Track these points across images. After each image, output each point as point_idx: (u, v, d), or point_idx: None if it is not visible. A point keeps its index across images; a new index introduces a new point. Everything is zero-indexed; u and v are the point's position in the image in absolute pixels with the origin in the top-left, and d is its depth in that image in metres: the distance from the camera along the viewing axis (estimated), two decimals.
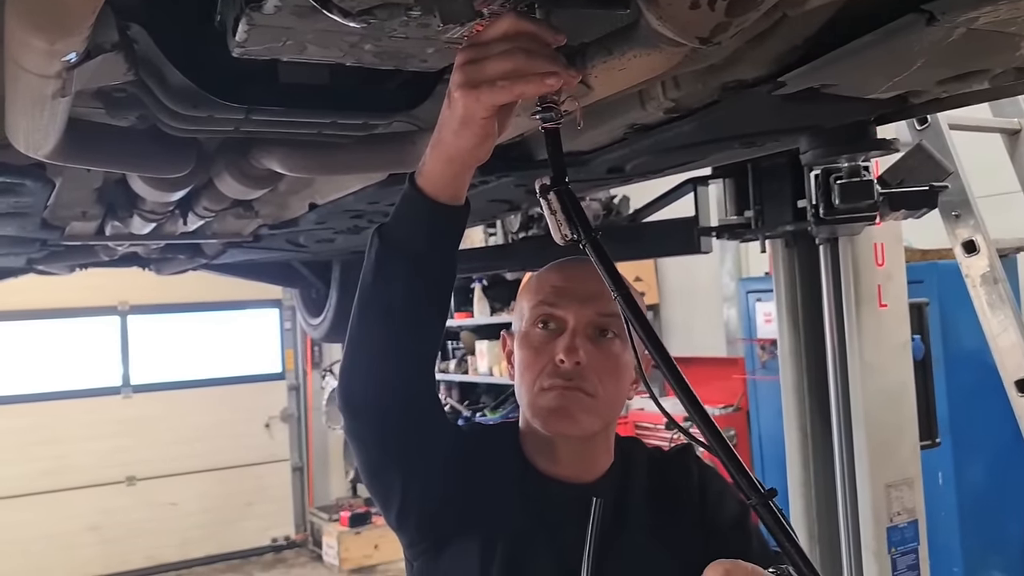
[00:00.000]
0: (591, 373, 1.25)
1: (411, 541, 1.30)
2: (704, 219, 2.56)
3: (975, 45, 1.03)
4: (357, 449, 1.24)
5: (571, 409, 1.24)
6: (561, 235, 0.96)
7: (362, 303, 1.14)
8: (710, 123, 1.44)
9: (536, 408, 1.27)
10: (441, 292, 1.15)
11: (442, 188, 1.05)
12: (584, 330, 1.26)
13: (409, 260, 1.09)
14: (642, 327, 0.91)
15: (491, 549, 1.23)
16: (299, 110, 1.36)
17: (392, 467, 1.23)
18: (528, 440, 1.33)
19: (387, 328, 1.13)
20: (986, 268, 2.50)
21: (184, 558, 7.55)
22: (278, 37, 1.04)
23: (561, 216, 0.95)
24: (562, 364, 1.24)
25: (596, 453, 1.33)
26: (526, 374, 1.28)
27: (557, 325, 1.28)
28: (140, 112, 1.42)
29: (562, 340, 1.26)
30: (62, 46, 0.93)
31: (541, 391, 1.26)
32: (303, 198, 2.35)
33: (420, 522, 1.27)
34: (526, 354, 1.29)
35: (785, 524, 0.85)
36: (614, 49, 1.00)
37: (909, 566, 2.29)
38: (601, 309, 1.27)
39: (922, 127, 2.47)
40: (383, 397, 1.17)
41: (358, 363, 1.17)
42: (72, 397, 7.31)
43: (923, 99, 1.40)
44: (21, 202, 2.02)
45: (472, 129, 0.96)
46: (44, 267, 3.37)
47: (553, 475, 1.30)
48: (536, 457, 1.31)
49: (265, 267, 4.10)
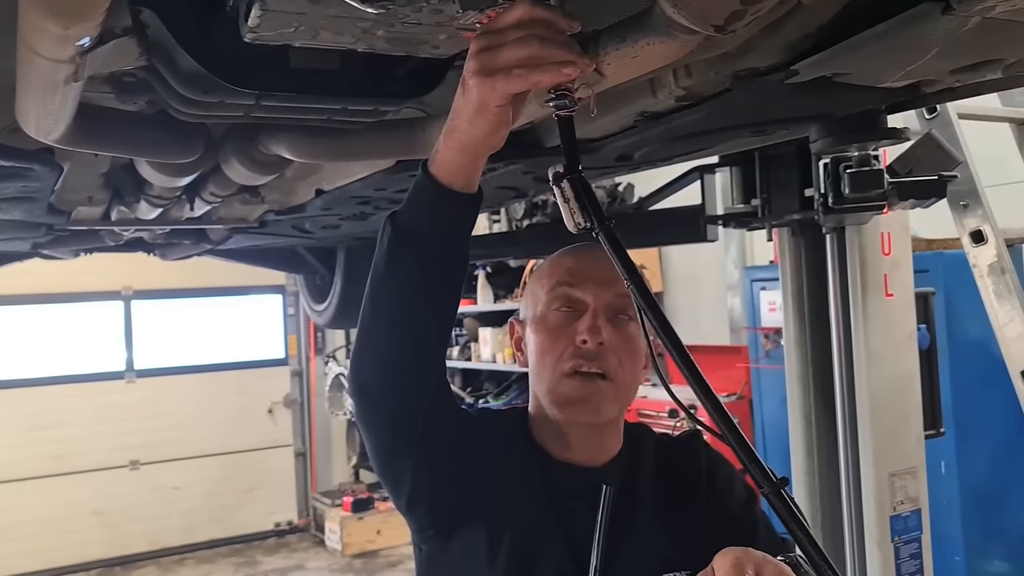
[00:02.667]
0: (612, 355, 1.25)
1: (420, 526, 1.31)
2: (711, 207, 2.55)
3: (990, 34, 1.02)
4: (368, 435, 1.24)
5: (592, 399, 1.24)
6: (574, 223, 0.96)
7: (374, 289, 1.13)
8: (721, 111, 1.44)
9: (556, 395, 1.26)
10: (453, 279, 1.15)
11: (455, 176, 1.05)
12: (604, 311, 1.26)
13: (422, 247, 1.09)
14: (655, 315, 0.91)
15: (500, 534, 1.23)
16: (309, 96, 1.36)
17: (404, 453, 1.23)
18: (538, 425, 1.33)
19: (399, 314, 1.12)
20: (993, 258, 2.50)
21: (187, 542, 7.59)
22: (290, 22, 1.04)
23: (575, 204, 0.95)
24: (584, 345, 1.24)
25: (607, 438, 1.33)
26: (546, 357, 1.27)
27: (576, 307, 1.27)
28: (150, 97, 1.43)
29: (584, 321, 1.25)
30: (76, 31, 0.93)
31: (563, 377, 1.25)
32: (310, 184, 2.35)
33: (431, 507, 1.27)
34: (544, 337, 1.28)
35: (797, 512, 0.85)
36: (627, 36, 1.00)
37: (912, 554, 2.30)
38: (620, 290, 1.26)
39: (931, 116, 2.46)
40: (395, 382, 1.17)
41: (369, 349, 1.17)
42: (76, 382, 7.33)
43: (936, 88, 1.39)
44: (29, 187, 2.03)
45: (486, 117, 0.96)
46: (49, 252, 3.37)
47: (564, 459, 1.30)
48: (547, 442, 1.32)
49: (270, 253, 4.10)
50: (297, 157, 1.72)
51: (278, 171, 1.94)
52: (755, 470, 0.84)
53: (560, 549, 1.23)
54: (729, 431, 0.85)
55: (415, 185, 1.09)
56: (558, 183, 0.96)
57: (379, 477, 1.30)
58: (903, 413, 2.27)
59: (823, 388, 2.36)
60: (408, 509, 1.28)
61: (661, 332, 0.90)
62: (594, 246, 1.37)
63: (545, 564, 1.22)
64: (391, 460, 1.25)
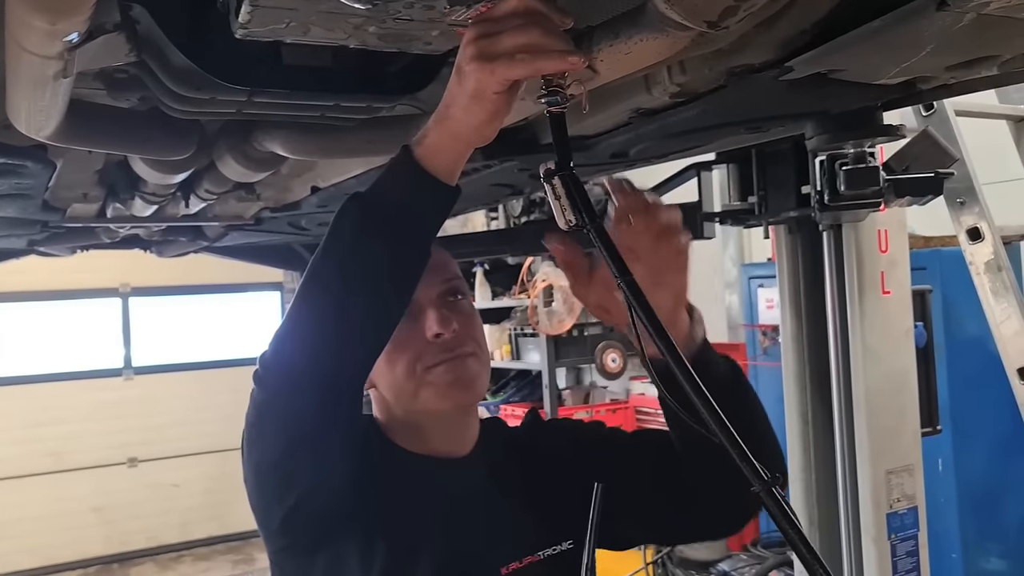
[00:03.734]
0: (466, 335, 1.25)
1: (289, 542, 1.19)
2: (708, 204, 2.54)
3: (985, 31, 1.02)
4: (272, 427, 1.10)
5: (467, 377, 1.24)
6: (565, 220, 0.95)
7: (329, 270, 1.03)
8: (716, 108, 1.43)
9: (426, 388, 1.22)
10: (416, 268, 1.07)
11: (442, 165, 1.00)
12: (440, 301, 1.25)
13: (393, 235, 1.01)
14: (648, 317, 0.90)
15: (372, 540, 1.18)
16: (302, 93, 1.35)
17: (305, 453, 1.09)
18: (392, 428, 1.29)
19: (350, 298, 1.03)
20: (990, 255, 2.49)
21: (185, 539, 7.60)
22: (281, 18, 1.03)
23: (565, 201, 0.94)
24: (438, 338, 1.22)
25: (468, 426, 1.32)
26: (396, 366, 1.22)
27: (411, 311, 1.20)
28: (142, 94, 1.42)
29: (429, 317, 1.23)
30: (64, 26, 0.92)
31: (426, 370, 1.23)
32: (305, 181, 2.35)
33: (308, 520, 1.15)
34: (391, 348, 1.15)
35: (788, 510, 0.84)
36: (621, 33, 0.99)
37: (908, 552, 2.30)
38: (444, 275, 1.27)
39: (928, 113, 2.45)
40: (327, 368, 1.04)
41: (310, 330, 1.05)
42: (74, 379, 7.33)
43: (931, 85, 1.38)
44: (22, 184, 2.02)
45: (483, 104, 0.93)
46: (45, 249, 3.36)
47: (426, 454, 1.28)
48: (405, 441, 1.29)
49: (266, 250, 4.09)
50: (291, 154, 1.72)
51: (273, 168, 1.94)
52: (746, 467, 0.84)
53: (435, 544, 1.20)
54: (720, 427, 0.85)
55: (393, 168, 1.02)
56: (549, 180, 0.95)
57: (258, 485, 1.16)
58: (900, 410, 2.26)
59: (820, 385, 2.36)
60: (285, 521, 1.15)
61: (653, 333, 0.89)
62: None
63: (422, 561, 1.19)
64: (284, 461, 1.11)
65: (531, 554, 1.25)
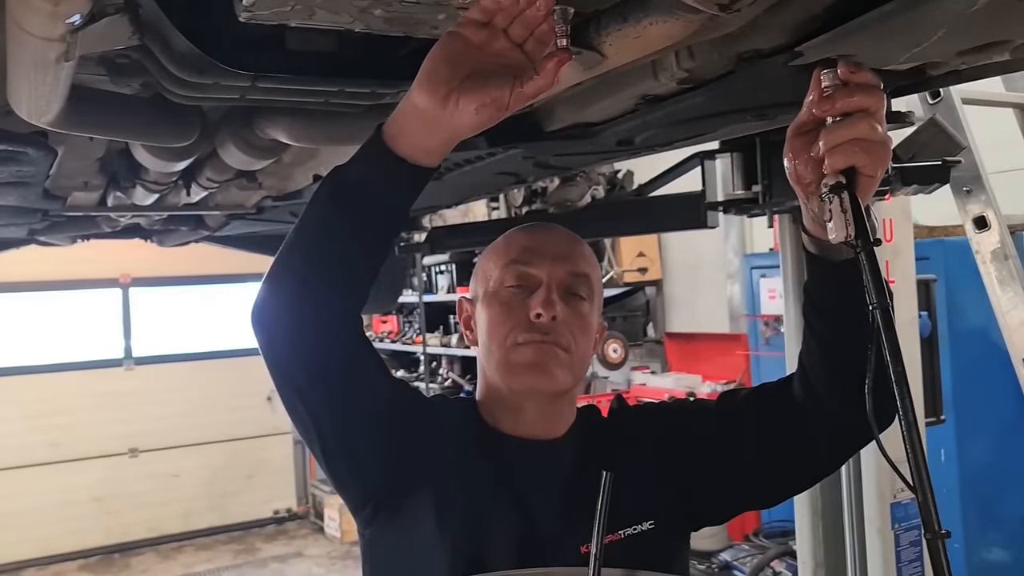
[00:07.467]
0: (565, 328, 1.25)
1: (355, 505, 1.28)
2: (711, 194, 2.53)
3: (1000, 14, 1.00)
4: (271, 370, 1.20)
5: (548, 364, 1.24)
6: (847, 234, 0.98)
7: (305, 235, 1.11)
8: (723, 94, 1.41)
9: (509, 364, 1.26)
10: (379, 239, 1.13)
11: (408, 143, 1.05)
12: (557, 287, 1.26)
13: (358, 207, 1.08)
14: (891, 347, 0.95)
15: (450, 507, 1.22)
16: (306, 78, 1.34)
17: (309, 391, 1.17)
18: (489, 405, 1.32)
19: (338, 260, 1.10)
20: (997, 244, 2.48)
21: (186, 529, 7.61)
22: (286, 1, 1.02)
23: (850, 217, 0.98)
24: (538, 319, 1.24)
25: (562, 411, 1.32)
26: (496, 331, 1.27)
27: (529, 283, 1.27)
28: (144, 79, 1.40)
29: (538, 295, 1.25)
30: (66, 7, 0.91)
31: (515, 346, 1.25)
32: (307, 169, 2.33)
33: (351, 472, 1.24)
34: (496, 312, 1.27)
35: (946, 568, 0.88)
36: (630, 16, 0.98)
37: (912, 542, 2.30)
38: (573, 268, 1.28)
39: (935, 101, 2.44)
40: (310, 316, 1.15)
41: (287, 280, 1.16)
42: (74, 369, 7.33)
43: (941, 71, 1.36)
44: (23, 171, 2.00)
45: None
46: (46, 238, 3.35)
47: (518, 435, 1.29)
48: (499, 421, 1.31)
49: (268, 239, 4.08)
50: (294, 141, 1.70)
51: (275, 156, 1.92)
52: (926, 514, 0.87)
53: (513, 521, 1.22)
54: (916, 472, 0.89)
55: (365, 144, 1.08)
56: (838, 193, 0.99)
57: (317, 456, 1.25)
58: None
59: None
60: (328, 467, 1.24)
61: (892, 364, 0.93)
62: (548, 225, 1.37)
63: (498, 536, 1.21)
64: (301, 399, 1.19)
65: (611, 533, 1.25)
